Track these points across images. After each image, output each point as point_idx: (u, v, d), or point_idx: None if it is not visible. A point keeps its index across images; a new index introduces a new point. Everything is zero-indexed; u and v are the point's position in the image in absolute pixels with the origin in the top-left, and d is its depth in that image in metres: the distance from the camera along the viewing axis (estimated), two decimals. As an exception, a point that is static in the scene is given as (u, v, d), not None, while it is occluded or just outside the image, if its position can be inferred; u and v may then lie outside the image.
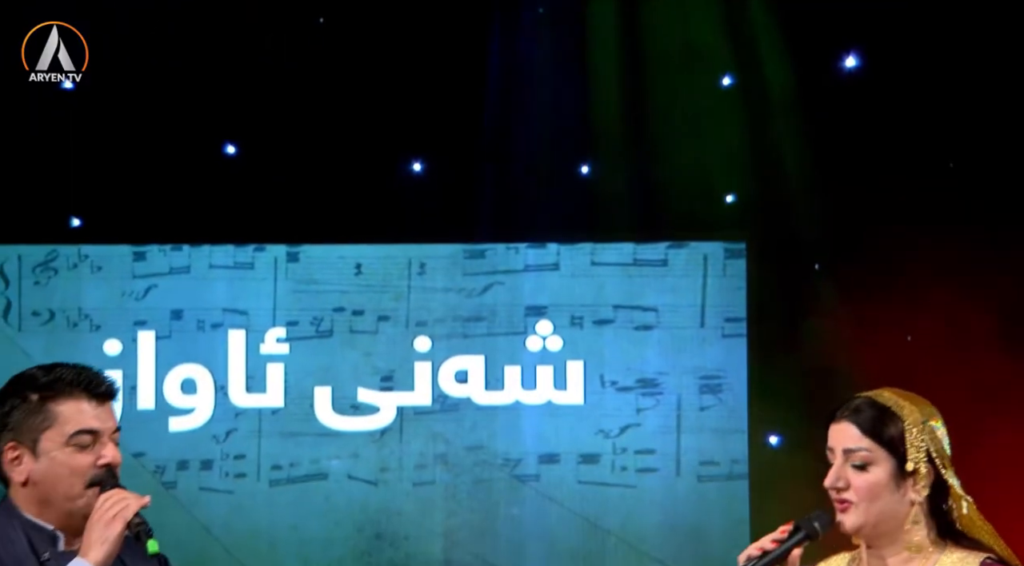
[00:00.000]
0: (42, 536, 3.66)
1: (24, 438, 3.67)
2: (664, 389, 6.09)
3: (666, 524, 6.05)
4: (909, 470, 3.42)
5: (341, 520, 6.03)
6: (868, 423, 3.46)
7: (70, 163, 5.89)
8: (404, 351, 6.09)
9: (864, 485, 3.41)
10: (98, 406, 3.70)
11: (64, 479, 3.65)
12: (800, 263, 6.09)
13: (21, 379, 3.72)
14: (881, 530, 3.42)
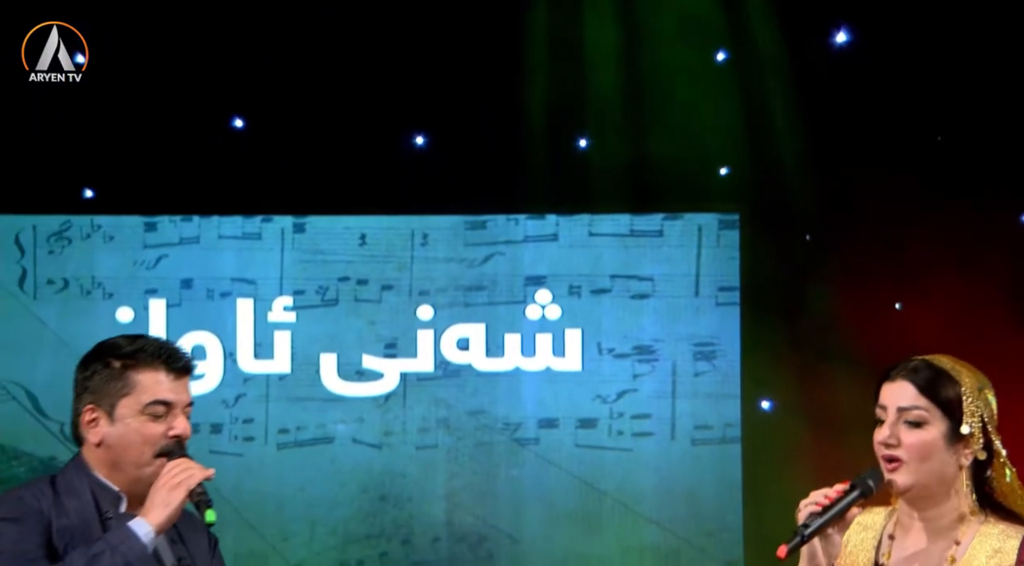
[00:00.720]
0: (107, 495, 3.72)
1: (103, 402, 3.73)
2: (660, 356, 6.11)
3: (661, 486, 6.07)
4: (964, 433, 3.40)
5: (346, 482, 6.05)
6: (925, 383, 3.40)
7: (83, 137, 5.86)
8: (407, 319, 6.10)
9: (917, 443, 3.36)
10: (175, 380, 3.75)
11: (135, 446, 3.70)
12: (792, 234, 6.09)
13: (106, 346, 3.78)
14: (929, 491, 3.37)
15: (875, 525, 3.53)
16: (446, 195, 6.09)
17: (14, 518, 3.60)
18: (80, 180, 6.01)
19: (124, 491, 3.69)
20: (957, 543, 3.40)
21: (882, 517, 3.53)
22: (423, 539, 6.06)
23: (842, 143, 5.93)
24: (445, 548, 6.05)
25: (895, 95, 5.92)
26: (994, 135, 5.88)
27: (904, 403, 3.39)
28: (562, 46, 6.08)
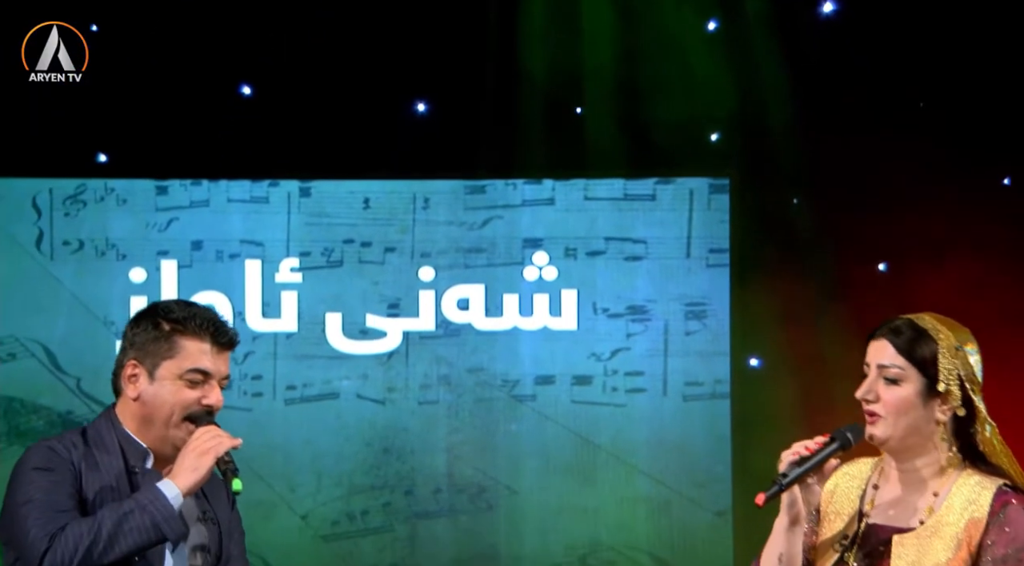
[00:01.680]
0: (135, 450, 3.73)
1: (146, 360, 3.72)
2: (652, 315, 6.12)
3: (653, 440, 6.09)
4: (940, 390, 3.42)
5: (351, 436, 6.06)
6: (904, 342, 3.42)
7: (97, 104, 5.85)
8: (409, 280, 6.11)
9: (893, 399, 3.39)
10: (218, 353, 3.74)
11: (168, 406, 3.70)
12: (780, 198, 6.09)
13: (160, 307, 3.77)
14: (907, 444, 3.38)
15: (861, 475, 3.56)
16: (446, 161, 6.09)
17: (46, 468, 3.61)
18: (94, 145, 6.00)
19: (151, 448, 3.71)
20: (936, 494, 3.42)
21: (869, 467, 3.56)
22: (425, 490, 6.07)
23: (829, 110, 5.93)
24: (446, 499, 6.07)
25: (880, 62, 5.92)
26: (976, 101, 5.87)
27: (883, 361, 3.42)
28: (559, 16, 6.06)
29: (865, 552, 3.44)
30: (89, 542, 3.51)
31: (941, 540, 3.38)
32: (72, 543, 3.51)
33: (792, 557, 3.46)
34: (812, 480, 3.39)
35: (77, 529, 3.53)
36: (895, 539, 3.40)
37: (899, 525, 3.43)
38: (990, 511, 3.35)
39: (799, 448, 3.39)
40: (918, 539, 3.40)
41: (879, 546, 3.43)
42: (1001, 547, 3.33)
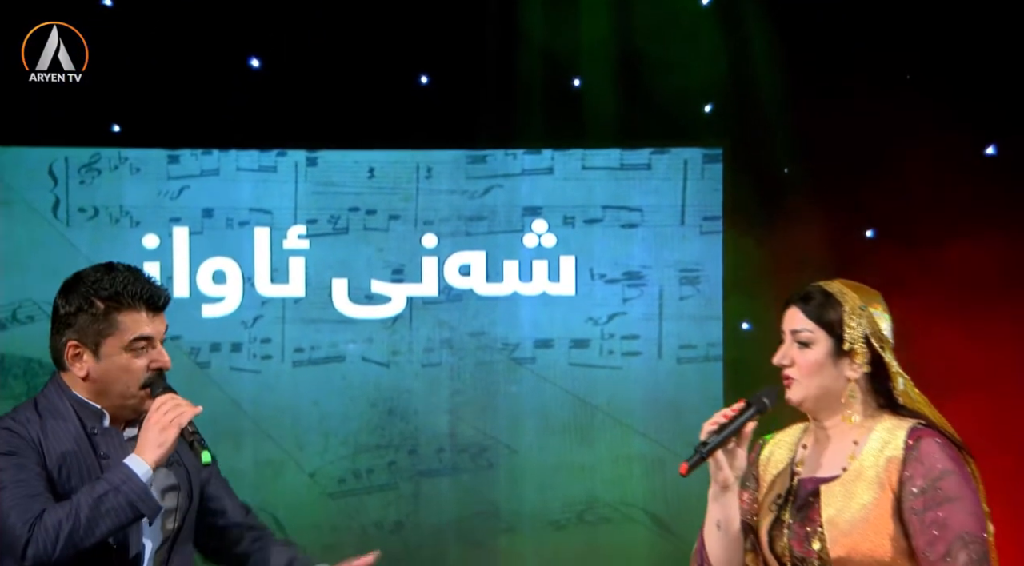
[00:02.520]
0: (89, 413, 3.71)
1: (87, 340, 3.69)
2: (647, 281, 6.13)
3: (648, 401, 6.11)
4: (845, 349, 3.49)
5: (357, 397, 6.08)
6: (812, 307, 3.51)
7: (111, 75, 5.83)
8: (413, 247, 6.12)
9: (805, 362, 3.48)
10: (154, 316, 3.74)
11: (121, 379, 3.68)
12: (771, 167, 6.09)
13: (86, 282, 3.73)
14: (822, 403, 3.46)
15: (793, 439, 3.63)
16: (449, 131, 6.09)
17: (9, 452, 3.57)
18: (108, 116, 6.00)
19: (106, 409, 3.69)
20: (856, 443, 3.49)
21: (799, 431, 3.63)
22: (428, 449, 6.09)
23: (819, 82, 5.91)
24: (448, 458, 6.09)
25: (868, 36, 5.90)
26: (962, 72, 5.86)
27: (795, 326, 3.52)
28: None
29: (797, 506, 3.50)
30: (69, 528, 3.49)
31: (864, 483, 3.45)
32: (53, 531, 3.48)
33: (728, 521, 3.52)
34: (733, 445, 3.46)
35: (55, 516, 3.50)
36: (822, 489, 3.47)
37: (825, 475, 3.50)
38: (904, 448, 3.42)
39: (718, 417, 3.46)
40: (843, 486, 3.47)
41: (809, 498, 3.49)
42: (919, 479, 3.40)
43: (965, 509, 3.35)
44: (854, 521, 3.41)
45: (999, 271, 5.77)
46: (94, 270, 3.74)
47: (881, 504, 3.40)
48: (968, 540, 3.33)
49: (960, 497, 3.35)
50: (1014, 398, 5.74)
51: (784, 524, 3.48)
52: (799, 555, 3.46)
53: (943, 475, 3.37)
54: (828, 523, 3.41)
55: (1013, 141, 5.94)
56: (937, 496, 3.35)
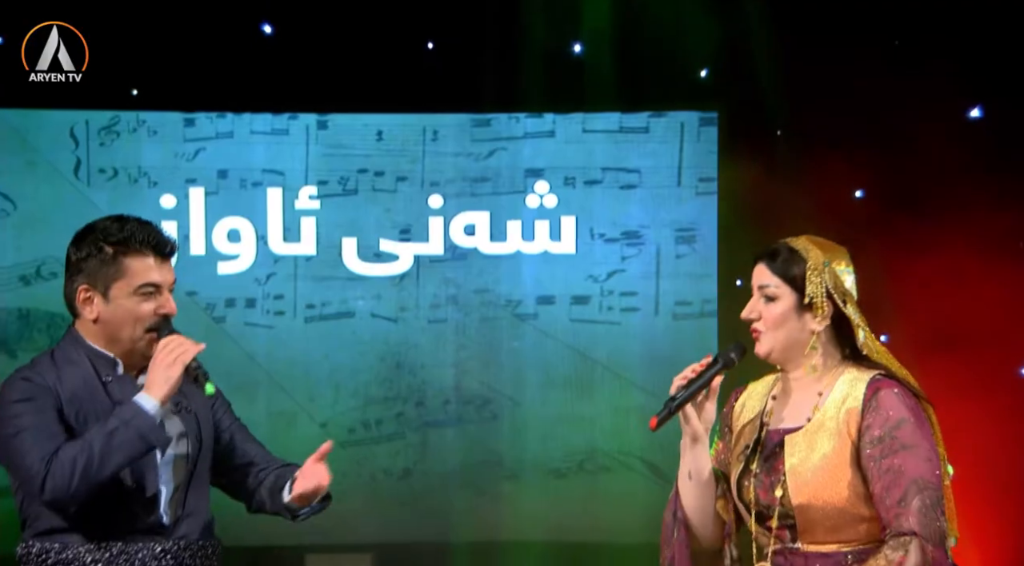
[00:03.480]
0: (103, 361, 3.74)
1: (97, 284, 3.72)
2: (645, 240, 6.14)
3: (646, 355, 6.12)
4: (806, 303, 3.54)
5: (366, 351, 6.09)
6: (778, 263, 3.52)
7: (130, 41, 5.84)
8: (419, 207, 6.13)
9: (770, 315, 3.49)
10: (162, 263, 3.75)
11: (128, 323, 3.71)
12: (764, 130, 6.11)
13: (96, 230, 3.76)
14: (787, 354, 3.46)
15: (763, 391, 3.64)
16: (454, 96, 6.10)
17: (27, 398, 3.59)
18: (127, 80, 6.00)
19: (119, 357, 3.70)
20: (820, 394, 3.52)
21: (770, 383, 3.64)
22: (435, 401, 6.11)
23: (811, 48, 5.90)
24: (454, 409, 6.11)
25: (858, 2, 5.91)
26: (949, 38, 5.85)
27: (762, 281, 3.52)
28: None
29: (764, 456, 3.52)
30: (84, 462, 3.52)
31: (826, 433, 3.47)
32: (68, 466, 3.51)
33: (699, 471, 3.54)
34: (702, 399, 3.48)
35: (70, 452, 3.52)
36: (787, 439, 3.48)
37: (790, 426, 3.52)
38: (864, 399, 3.45)
39: (687, 372, 3.47)
40: (806, 436, 3.49)
41: (775, 448, 3.50)
42: (877, 428, 3.43)
43: (920, 456, 3.35)
44: (815, 470, 3.43)
45: (984, 229, 5.80)
46: (105, 220, 3.76)
47: (840, 453, 3.43)
48: (922, 486, 3.34)
49: (915, 445, 3.37)
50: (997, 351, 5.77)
51: (751, 473, 3.51)
52: (764, 503, 3.50)
53: (900, 424, 3.39)
54: (791, 472, 3.44)
55: (997, 104, 5.94)
56: (894, 444, 3.38)
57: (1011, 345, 5.79)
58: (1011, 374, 5.90)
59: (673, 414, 3.40)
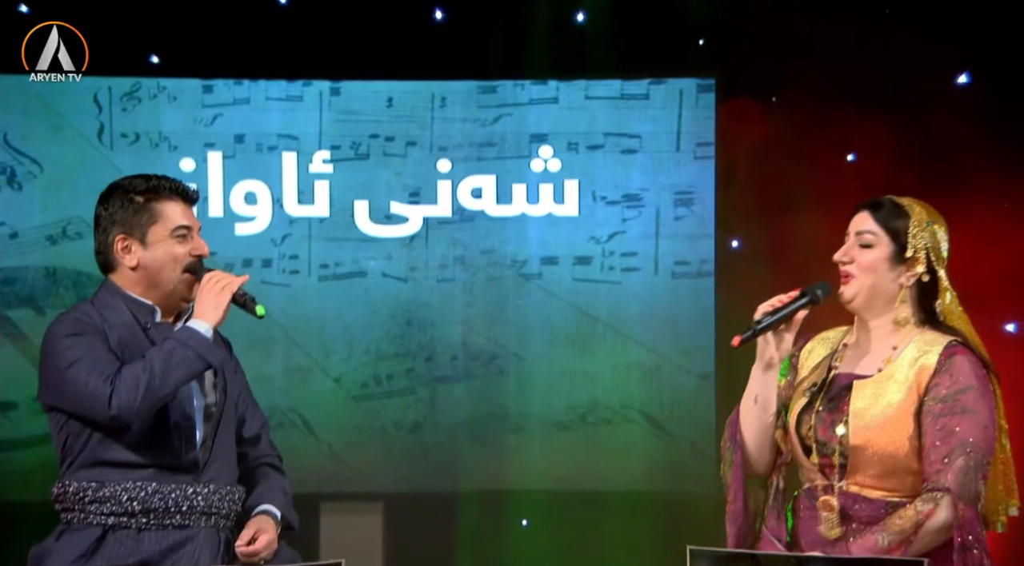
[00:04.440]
0: (141, 309, 3.82)
1: (133, 232, 3.79)
2: (645, 202, 6.13)
3: (646, 313, 6.12)
4: (907, 257, 3.56)
5: (377, 309, 6.09)
6: (881, 213, 3.55)
7: (150, 10, 5.85)
8: (428, 171, 6.12)
9: (864, 260, 3.51)
10: (188, 208, 3.87)
11: (168, 264, 3.79)
12: (760, 96, 6.10)
13: (122, 186, 3.85)
14: (870, 303, 3.51)
15: (835, 338, 3.69)
16: (462, 63, 6.09)
17: (78, 333, 3.66)
18: (148, 48, 6.01)
19: (156, 304, 3.79)
20: (894, 348, 3.55)
21: (842, 333, 3.68)
22: (443, 357, 6.12)
23: (802, 18, 5.88)
24: (462, 365, 6.12)
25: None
26: (933, 9, 5.85)
27: (861, 228, 3.54)
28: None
29: (830, 397, 3.56)
30: (147, 379, 3.59)
31: (895, 384, 3.51)
32: (132, 382, 3.57)
33: (767, 399, 3.59)
34: (784, 329, 3.54)
35: (132, 370, 3.58)
36: (855, 384, 3.52)
37: (861, 373, 3.56)
38: (939, 360, 3.48)
39: (774, 301, 3.51)
40: (875, 384, 3.52)
41: (842, 391, 3.54)
42: (944, 388, 3.46)
43: (977, 422, 3.39)
44: (878, 416, 3.47)
45: (971, 191, 5.81)
46: (127, 177, 3.85)
47: (906, 405, 3.46)
48: (970, 448, 3.38)
49: (976, 411, 3.40)
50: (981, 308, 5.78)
51: (814, 410, 3.54)
52: (821, 439, 3.53)
53: (966, 389, 3.42)
54: (855, 414, 3.47)
55: (984, 70, 5.95)
56: (955, 406, 3.41)
57: (996, 303, 5.81)
58: (996, 331, 5.93)
59: (756, 336, 3.46)
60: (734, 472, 3.60)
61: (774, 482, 3.66)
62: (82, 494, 3.73)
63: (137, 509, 3.69)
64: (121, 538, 3.69)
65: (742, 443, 3.59)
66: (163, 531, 3.70)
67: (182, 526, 3.73)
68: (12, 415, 5.76)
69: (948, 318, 3.54)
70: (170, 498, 3.73)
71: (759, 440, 3.60)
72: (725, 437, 3.67)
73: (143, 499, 3.70)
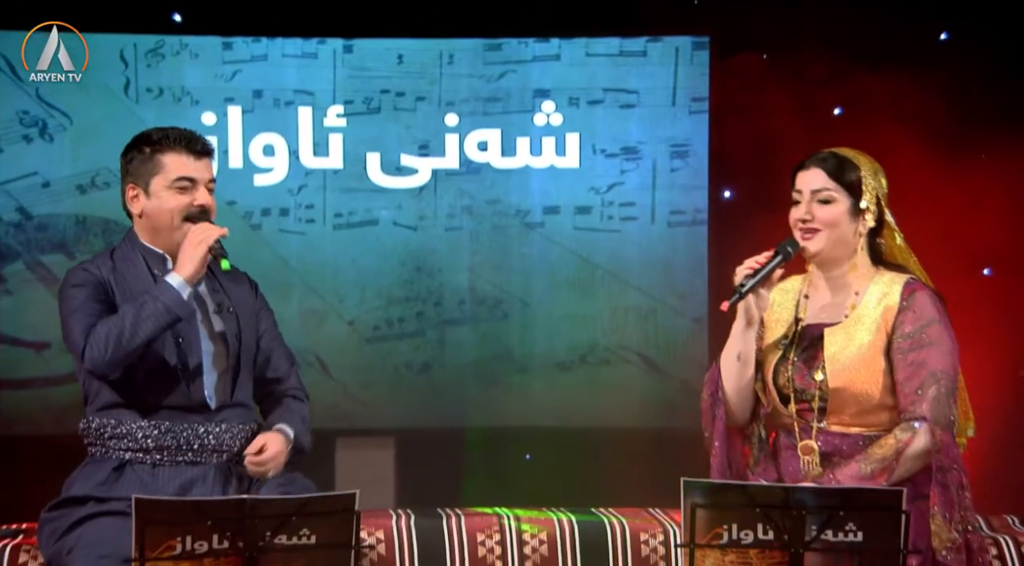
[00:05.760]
0: (155, 259, 3.89)
1: (140, 181, 3.87)
2: (642, 155, 6.12)
3: (643, 259, 6.13)
4: (863, 207, 3.60)
5: (389, 256, 6.10)
6: (833, 169, 3.60)
7: None
8: (437, 125, 6.10)
9: (827, 216, 3.57)
10: (196, 160, 3.88)
11: (167, 213, 3.85)
12: (752, 53, 6.10)
13: (140, 137, 3.94)
14: (834, 254, 3.59)
15: (794, 289, 3.74)
16: (469, 22, 6.08)
17: (81, 284, 3.79)
18: (170, 7, 6.00)
19: (167, 252, 3.87)
20: (857, 293, 3.61)
21: (799, 282, 3.74)
22: (451, 302, 6.12)
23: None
24: (468, 309, 6.13)
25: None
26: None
27: (815, 186, 3.60)
28: None
29: (803, 347, 3.63)
30: (117, 332, 3.67)
31: (863, 326, 3.57)
32: (103, 336, 3.67)
33: (748, 354, 3.65)
34: (762, 288, 3.60)
35: (106, 325, 3.69)
36: (826, 331, 3.59)
37: (829, 321, 3.62)
38: (900, 298, 3.54)
39: (751, 263, 3.58)
40: (844, 329, 3.59)
41: (814, 340, 3.61)
42: (909, 325, 3.53)
43: (943, 352, 3.48)
44: (852, 357, 3.53)
45: (946, 140, 5.83)
46: (145, 130, 3.92)
47: (876, 345, 3.53)
48: (940, 376, 3.47)
49: (940, 342, 3.49)
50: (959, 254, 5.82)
51: (789, 361, 3.61)
52: (799, 387, 3.59)
53: (930, 323, 3.50)
54: (830, 359, 3.53)
55: (962, 28, 5.94)
56: (922, 340, 3.49)
57: (971, 248, 5.85)
58: (976, 275, 5.98)
59: (742, 298, 3.51)
60: (716, 427, 3.67)
61: (755, 431, 3.73)
62: (102, 430, 3.82)
63: (151, 446, 3.78)
64: (138, 471, 3.80)
65: (724, 398, 3.66)
66: (176, 467, 3.80)
67: (194, 463, 3.82)
68: (46, 354, 5.82)
69: (896, 256, 3.61)
70: (182, 437, 3.80)
71: (742, 394, 3.67)
72: (705, 394, 3.72)
73: (156, 437, 3.78)
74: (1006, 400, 5.71)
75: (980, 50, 5.88)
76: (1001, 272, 5.95)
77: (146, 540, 3.10)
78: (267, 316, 4.15)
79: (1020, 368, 5.93)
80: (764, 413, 3.73)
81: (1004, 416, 5.64)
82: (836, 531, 3.09)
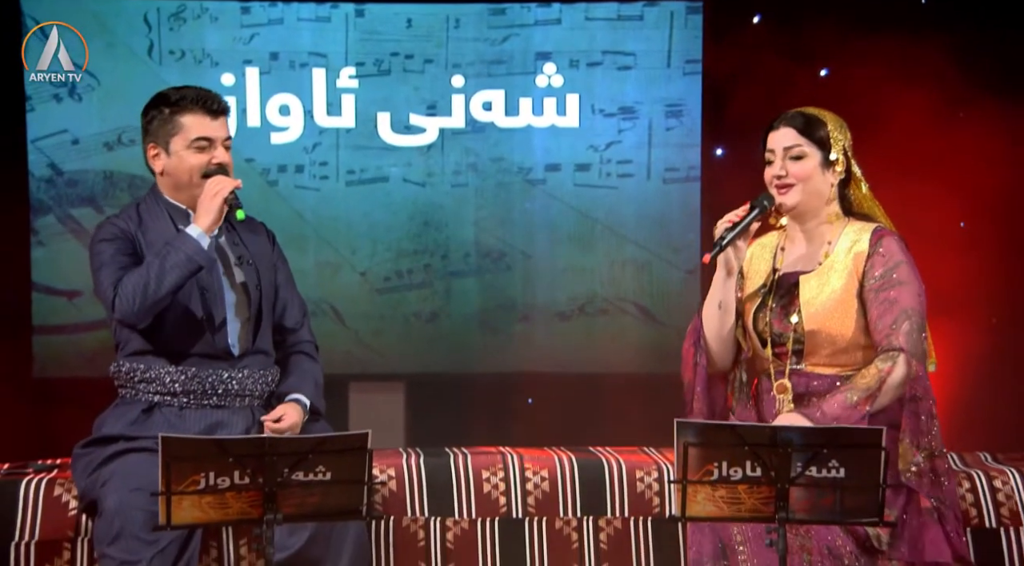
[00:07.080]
0: (178, 213, 3.92)
1: (160, 141, 3.89)
2: (639, 115, 6.11)
3: (639, 214, 6.13)
4: (832, 159, 3.64)
5: (398, 211, 6.11)
6: (802, 126, 3.64)
7: None
8: (444, 86, 6.09)
9: (801, 171, 3.62)
10: (213, 120, 3.89)
11: (185, 171, 3.88)
12: (743, 17, 6.09)
13: (158, 97, 3.94)
14: (809, 206, 3.63)
15: (771, 243, 3.80)
16: None
17: (110, 239, 3.82)
18: (192, -27, 5.98)
19: (189, 207, 3.90)
20: (829, 242, 3.66)
21: (775, 237, 3.79)
22: (457, 254, 6.14)
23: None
24: (474, 261, 6.15)
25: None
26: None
27: (787, 144, 3.64)
28: None
29: (780, 294, 3.68)
30: (143, 283, 3.71)
31: (836, 272, 3.62)
32: (130, 288, 3.71)
33: (728, 302, 3.70)
34: (740, 242, 3.64)
35: (132, 277, 3.73)
36: (801, 279, 3.65)
37: (804, 269, 3.67)
38: (869, 244, 3.60)
39: (730, 217, 3.63)
40: (818, 276, 3.64)
41: (790, 287, 3.67)
42: (879, 268, 3.59)
43: (911, 291, 3.54)
44: (826, 301, 3.59)
45: (928, 101, 5.83)
46: (166, 89, 3.93)
47: (848, 289, 3.59)
48: (911, 313, 3.53)
49: (909, 282, 3.55)
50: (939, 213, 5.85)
51: (768, 307, 3.66)
52: (777, 331, 3.64)
53: (898, 264, 3.56)
54: (805, 303, 3.59)
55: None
56: (891, 281, 3.55)
57: (950, 206, 5.87)
58: (955, 228, 6.00)
59: (723, 250, 3.55)
60: (699, 374, 3.71)
61: (736, 375, 3.78)
62: (132, 374, 3.86)
63: (178, 389, 3.83)
64: (166, 413, 3.85)
65: (706, 346, 3.70)
66: (202, 410, 3.86)
67: (219, 406, 3.87)
68: (78, 302, 5.86)
69: (863, 205, 3.65)
70: (207, 382, 3.85)
71: (723, 341, 3.72)
72: (687, 344, 3.76)
73: (183, 382, 3.83)
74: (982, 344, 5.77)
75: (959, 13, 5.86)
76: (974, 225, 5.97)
77: (172, 475, 3.14)
78: (283, 267, 4.18)
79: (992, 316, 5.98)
80: (745, 358, 3.79)
81: (979, 355, 5.69)
82: (820, 468, 3.13)
